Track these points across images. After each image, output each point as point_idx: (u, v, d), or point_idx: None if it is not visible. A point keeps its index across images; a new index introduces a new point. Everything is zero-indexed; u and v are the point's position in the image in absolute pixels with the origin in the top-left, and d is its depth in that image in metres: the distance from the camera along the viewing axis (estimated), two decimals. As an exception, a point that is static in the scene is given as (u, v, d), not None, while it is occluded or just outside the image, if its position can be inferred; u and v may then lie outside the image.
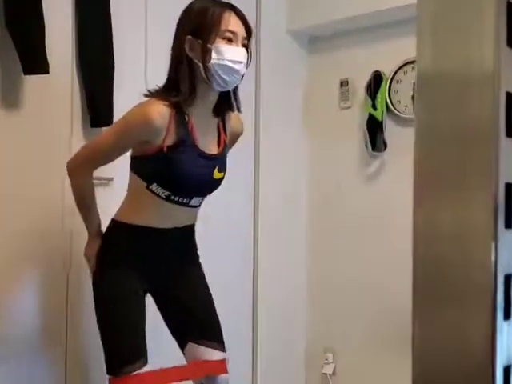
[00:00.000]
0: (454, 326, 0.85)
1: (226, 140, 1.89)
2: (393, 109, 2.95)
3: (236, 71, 1.73)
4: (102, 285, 1.83)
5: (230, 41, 1.72)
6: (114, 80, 2.24)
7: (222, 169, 1.87)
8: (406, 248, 2.79)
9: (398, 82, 2.95)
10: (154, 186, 1.76)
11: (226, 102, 1.84)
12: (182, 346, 1.89)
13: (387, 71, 2.97)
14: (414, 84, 2.93)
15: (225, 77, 1.72)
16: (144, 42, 2.45)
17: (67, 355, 2.19)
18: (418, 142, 1.00)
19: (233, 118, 1.92)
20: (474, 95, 0.92)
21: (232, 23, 1.72)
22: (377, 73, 2.98)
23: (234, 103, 1.86)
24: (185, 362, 1.89)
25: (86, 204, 1.89)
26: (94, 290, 1.84)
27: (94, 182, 2.23)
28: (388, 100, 2.95)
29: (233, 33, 1.72)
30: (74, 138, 2.20)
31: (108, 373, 1.75)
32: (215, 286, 2.01)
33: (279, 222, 3.09)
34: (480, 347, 0.81)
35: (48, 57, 1.98)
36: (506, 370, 0.82)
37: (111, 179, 2.30)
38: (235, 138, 1.99)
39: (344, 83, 3.13)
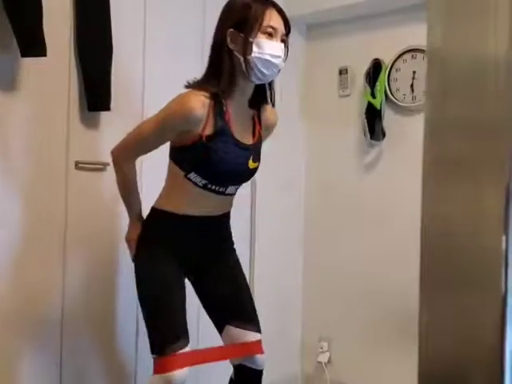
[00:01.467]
0: (463, 311, 0.84)
1: (261, 131, 1.96)
2: (392, 97, 2.94)
3: (275, 65, 1.80)
4: (142, 268, 1.90)
5: (270, 36, 1.79)
6: (112, 63, 2.21)
7: (257, 159, 1.94)
8: (404, 236, 2.78)
9: (397, 70, 2.94)
10: (192, 175, 1.83)
11: (261, 95, 1.91)
12: (220, 329, 1.98)
13: (386, 59, 2.95)
14: (413, 72, 2.95)
15: (263, 70, 1.79)
16: (143, 26, 2.42)
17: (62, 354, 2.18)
18: (428, 128, 0.98)
19: (267, 110, 1.98)
20: (488, 79, 0.90)
21: (273, 19, 1.79)
22: (376, 61, 2.97)
23: (269, 97, 1.93)
24: (221, 344, 1.99)
25: (128, 190, 1.96)
26: (135, 273, 1.92)
27: (91, 166, 2.24)
28: (387, 88, 2.94)
29: (274, 28, 1.79)
30: (71, 121, 2.17)
31: (152, 352, 1.82)
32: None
33: (277, 210, 3.08)
34: (489, 333, 0.81)
35: (46, 39, 1.95)
36: (515, 355, 0.81)
37: (108, 164, 2.28)
38: (270, 129, 2.05)
39: (343, 71, 3.12)
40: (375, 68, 2.97)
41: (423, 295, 0.89)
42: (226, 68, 1.80)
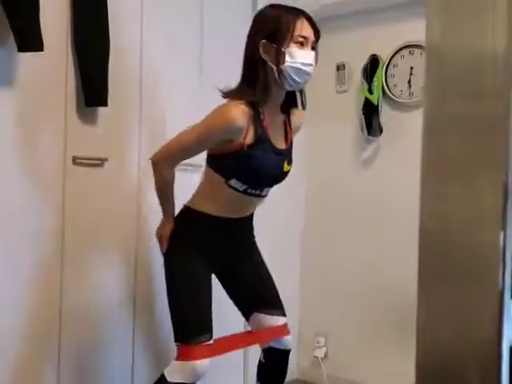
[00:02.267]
0: (460, 306, 0.84)
1: (292, 134, 2.06)
2: (389, 93, 2.94)
3: (307, 73, 1.89)
4: (173, 264, 2.01)
5: (301, 45, 1.87)
6: (109, 59, 2.21)
7: (290, 162, 2.05)
8: (402, 231, 2.79)
9: (394, 66, 2.94)
10: (233, 181, 1.93)
11: (291, 100, 2.01)
12: (248, 317, 2.15)
13: (384, 55, 2.95)
14: (411, 68, 2.95)
15: (296, 78, 1.87)
16: (140, 21, 2.41)
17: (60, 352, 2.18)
18: (426, 124, 0.98)
19: (295, 114, 2.07)
20: (486, 76, 0.91)
21: (304, 28, 1.87)
22: (373, 57, 2.97)
23: (300, 101, 2.03)
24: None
25: (165, 193, 2.04)
26: (165, 268, 2.03)
27: (89, 161, 2.23)
28: (384, 84, 2.94)
29: (305, 37, 1.87)
30: (68, 117, 2.17)
31: (176, 340, 1.93)
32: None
33: (275, 205, 3.07)
34: (487, 327, 0.81)
35: (42, 34, 1.94)
36: (512, 349, 0.82)
37: (106, 160, 2.28)
38: (296, 131, 2.14)
39: (340, 67, 3.12)
40: (373, 64, 2.97)
41: (421, 290, 0.89)
42: (260, 78, 1.88)
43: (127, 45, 2.37)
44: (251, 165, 1.88)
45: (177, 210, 2.09)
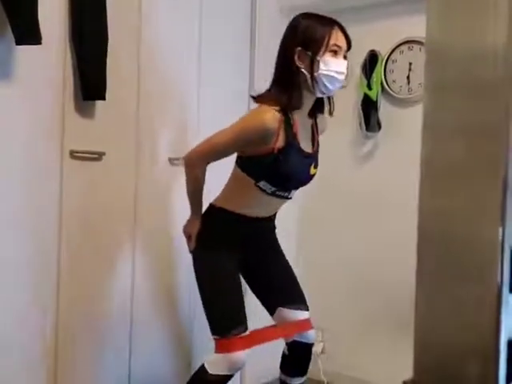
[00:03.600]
0: (458, 302, 0.84)
1: (318, 139, 2.14)
2: (388, 89, 2.94)
3: (339, 81, 1.98)
4: (202, 262, 2.10)
5: (335, 53, 1.95)
6: (107, 52, 2.20)
7: (316, 165, 2.12)
8: (401, 227, 2.79)
9: (393, 61, 2.94)
10: (262, 183, 2.00)
11: (319, 105, 2.09)
12: (272, 312, 2.22)
13: (383, 51, 2.95)
14: (410, 64, 2.95)
15: (328, 85, 1.96)
16: (138, 14, 2.40)
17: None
18: (426, 120, 0.98)
19: (321, 118, 2.17)
20: (486, 72, 0.90)
21: (338, 38, 1.96)
22: (372, 52, 2.97)
23: (328, 108, 2.11)
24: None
25: (196, 191, 2.11)
26: (194, 265, 2.11)
27: (86, 155, 2.23)
28: (383, 80, 2.94)
29: (338, 47, 1.95)
30: (66, 110, 2.16)
31: (214, 334, 2.02)
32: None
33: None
34: (485, 321, 0.81)
35: (40, 27, 1.93)
36: (510, 342, 0.82)
37: (103, 154, 2.27)
38: (321, 134, 2.21)
39: (339, 62, 3.11)
40: (371, 59, 2.97)
41: (419, 286, 0.89)
42: (293, 84, 1.95)
43: (125, 38, 2.36)
44: (281, 168, 1.96)
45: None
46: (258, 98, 2.02)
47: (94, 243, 2.28)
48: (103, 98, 2.21)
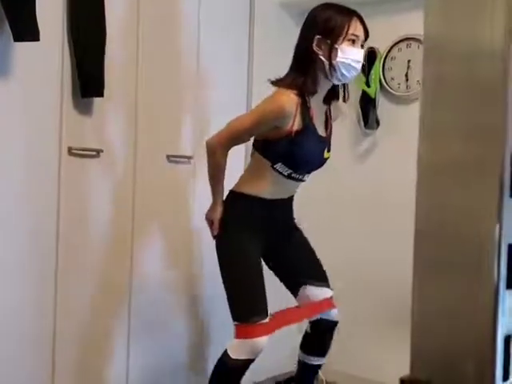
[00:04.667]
0: (456, 298, 0.84)
1: (331, 124, 2.22)
2: (386, 86, 2.94)
3: (355, 69, 2.06)
4: (225, 247, 2.14)
5: (353, 42, 2.03)
6: (105, 49, 2.19)
7: (329, 149, 2.19)
8: (399, 224, 2.79)
9: (392, 59, 2.93)
10: (278, 166, 2.07)
11: (334, 92, 2.17)
12: (296, 292, 2.27)
13: (381, 48, 2.95)
14: (408, 61, 2.94)
15: (345, 73, 2.04)
16: (136, 12, 2.40)
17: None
18: (424, 118, 0.98)
19: (335, 105, 2.25)
20: (483, 67, 0.90)
21: (357, 28, 2.03)
22: (371, 49, 2.96)
23: (343, 95, 2.20)
24: None
25: (218, 177, 2.16)
26: (217, 251, 2.15)
27: (84, 152, 2.22)
28: (382, 77, 2.94)
29: (356, 36, 2.03)
30: (64, 107, 2.16)
31: (235, 320, 2.06)
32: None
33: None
34: (482, 317, 0.81)
35: (38, 24, 1.92)
36: (507, 339, 0.82)
37: (101, 151, 2.27)
38: (334, 120, 2.28)
39: (338, 59, 3.10)
40: (370, 57, 2.96)
41: (416, 282, 0.89)
42: (311, 70, 2.04)
43: (124, 35, 2.35)
44: (297, 150, 2.03)
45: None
46: (276, 82, 2.08)
47: (92, 240, 2.28)
48: (101, 95, 2.20)
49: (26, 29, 1.91)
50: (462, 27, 0.97)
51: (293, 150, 2.03)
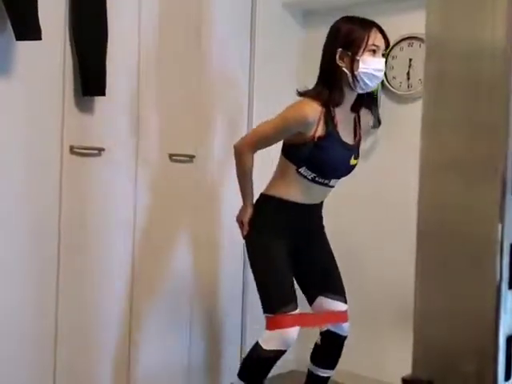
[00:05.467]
0: (458, 298, 0.84)
1: (361, 132, 2.28)
2: (388, 85, 2.93)
3: (377, 78, 2.15)
4: (254, 247, 2.25)
5: (374, 52, 2.11)
6: (107, 48, 2.20)
7: (357, 156, 2.27)
8: (400, 223, 2.78)
9: (393, 58, 2.93)
10: (302, 170, 2.16)
11: (362, 101, 2.24)
12: (312, 300, 2.33)
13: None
14: (410, 60, 2.94)
15: (368, 82, 2.12)
16: (138, 10, 2.40)
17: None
18: (425, 115, 0.98)
19: (365, 113, 2.31)
20: (485, 66, 0.90)
21: (377, 39, 2.11)
22: (372, 48, 2.95)
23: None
24: None
25: (246, 178, 2.26)
26: (247, 250, 2.29)
27: (86, 151, 2.23)
28: (383, 76, 2.92)
29: (377, 46, 2.11)
30: (66, 106, 2.16)
31: (265, 312, 2.15)
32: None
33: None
34: (484, 317, 0.81)
35: (40, 23, 1.93)
36: (509, 339, 0.82)
37: (102, 149, 2.27)
38: (366, 130, 2.37)
39: (339, 58, 3.10)
40: (372, 55, 2.95)
41: (419, 281, 0.89)
42: (335, 82, 2.12)
43: (125, 34, 2.35)
44: (319, 155, 2.12)
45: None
46: (302, 93, 2.18)
47: (93, 238, 2.28)
48: (103, 94, 2.21)
49: (28, 28, 1.92)
50: (464, 26, 0.96)
51: (315, 154, 2.11)
